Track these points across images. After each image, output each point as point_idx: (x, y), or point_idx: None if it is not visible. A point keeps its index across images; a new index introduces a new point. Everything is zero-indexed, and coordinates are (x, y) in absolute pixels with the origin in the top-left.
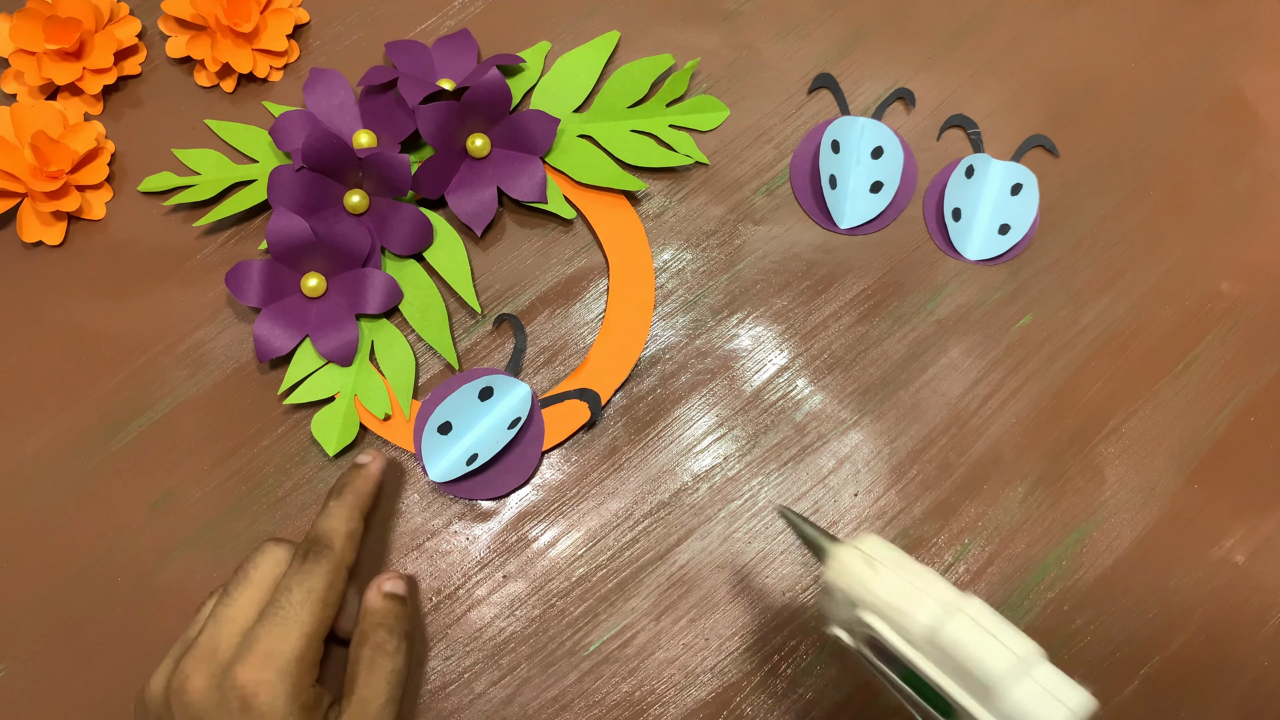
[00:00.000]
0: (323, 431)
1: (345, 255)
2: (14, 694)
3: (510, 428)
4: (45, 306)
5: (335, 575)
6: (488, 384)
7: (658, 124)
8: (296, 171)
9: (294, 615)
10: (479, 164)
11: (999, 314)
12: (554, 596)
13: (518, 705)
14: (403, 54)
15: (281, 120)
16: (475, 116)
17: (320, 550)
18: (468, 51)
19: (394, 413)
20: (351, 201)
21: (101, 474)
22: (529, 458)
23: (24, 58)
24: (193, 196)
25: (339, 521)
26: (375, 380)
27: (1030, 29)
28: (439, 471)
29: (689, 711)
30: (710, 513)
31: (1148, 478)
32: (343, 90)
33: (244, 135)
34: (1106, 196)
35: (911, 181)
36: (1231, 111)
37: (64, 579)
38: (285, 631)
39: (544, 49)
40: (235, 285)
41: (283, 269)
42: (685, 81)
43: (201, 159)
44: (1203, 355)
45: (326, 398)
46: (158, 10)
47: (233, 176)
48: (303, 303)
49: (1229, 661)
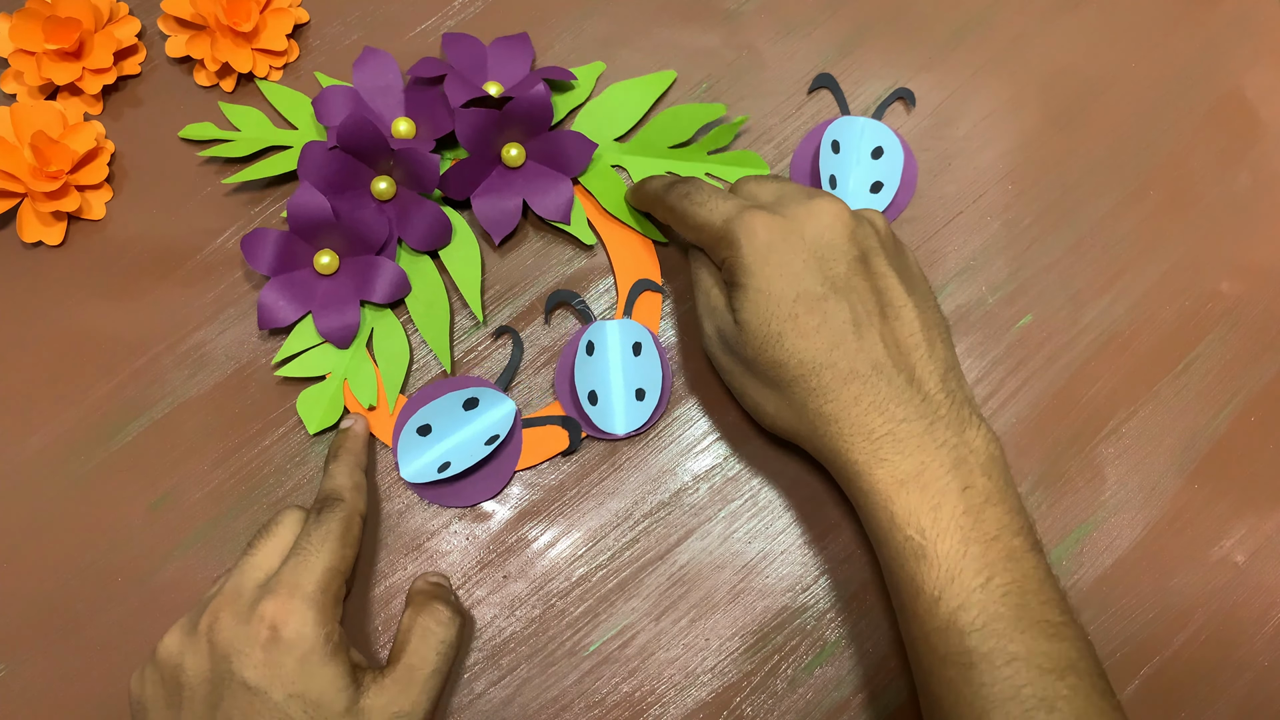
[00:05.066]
0: (307, 408)
1: (361, 240)
2: (14, 694)
3: (487, 443)
4: (45, 306)
5: (350, 520)
6: (475, 395)
7: (696, 169)
8: (329, 150)
9: (314, 552)
10: (510, 173)
11: (999, 314)
12: (554, 596)
13: (518, 705)
14: (457, 48)
15: (326, 94)
16: (515, 126)
17: (332, 503)
18: (522, 57)
19: (379, 404)
20: (379, 188)
21: (101, 474)
22: (501, 474)
23: (24, 58)
24: (228, 151)
25: (343, 478)
26: (367, 368)
27: (1030, 29)
28: (411, 472)
29: (689, 712)
30: (710, 513)
31: (1148, 478)
32: (391, 74)
33: (289, 100)
34: (1106, 196)
35: (911, 181)
36: (1231, 111)
37: (64, 579)
38: (308, 566)
39: (597, 69)
40: (250, 250)
41: (298, 242)
42: (731, 134)
43: (244, 115)
44: (1203, 355)
45: (317, 376)
46: (157, 10)
47: (271, 139)
48: (312, 278)
49: (1229, 661)
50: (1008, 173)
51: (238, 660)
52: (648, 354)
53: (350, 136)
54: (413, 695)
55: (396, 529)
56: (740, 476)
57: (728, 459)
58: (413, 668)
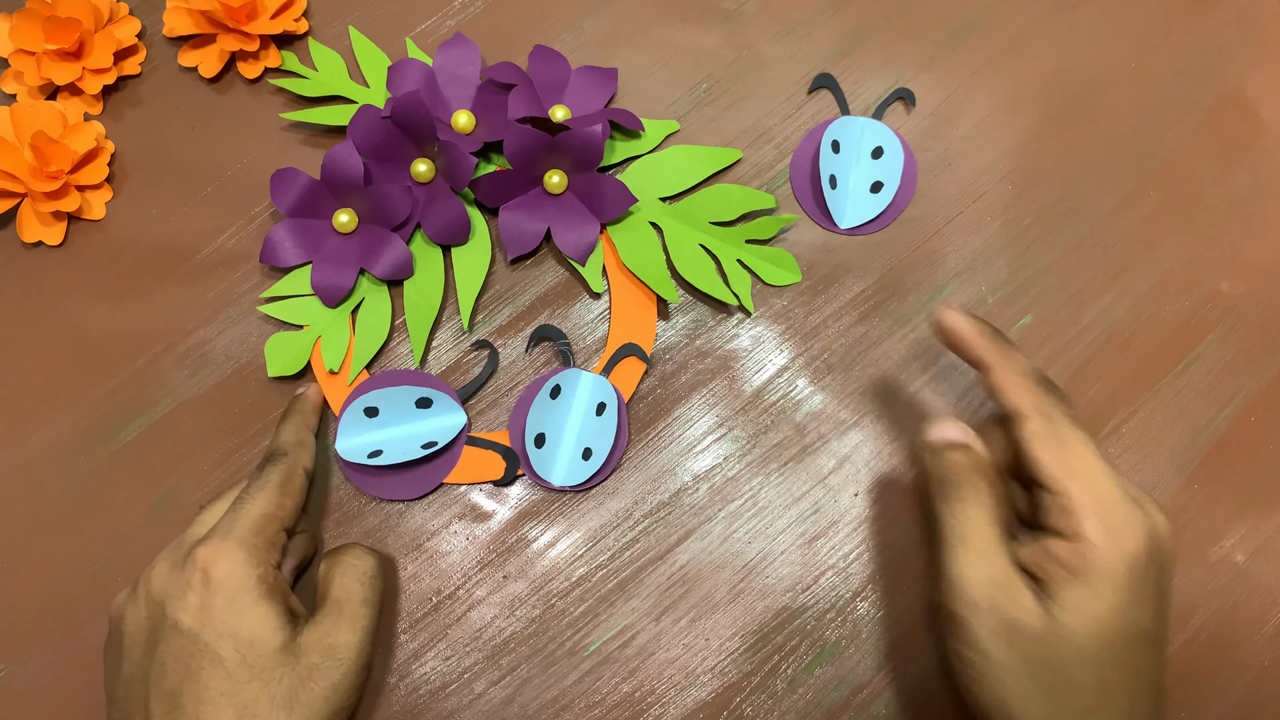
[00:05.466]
0: (274, 352)
1: (383, 212)
2: (14, 694)
3: (424, 447)
4: (45, 307)
5: (291, 471)
6: (430, 396)
7: (728, 252)
8: (382, 119)
9: (249, 500)
10: (545, 198)
11: (999, 314)
12: (554, 596)
13: (518, 705)
14: (542, 63)
15: (403, 64)
16: (563, 156)
17: (275, 458)
18: (603, 90)
19: (341, 371)
20: (418, 169)
21: (101, 474)
22: (428, 480)
23: (24, 58)
24: (298, 88)
25: (288, 435)
26: (344, 334)
27: (1030, 29)
28: (344, 448)
29: (689, 712)
30: (710, 513)
31: (1148, 478)
32: (471, 65)
33: (371, 56)
34: (1106, 196)
35: (912, 181)
36: (1231, 111)
37: (64, 579)
38: (243, 512)
39: (670, 127)
40: (278, 186)
41: (324, 192)
42: (774, 229)
43: (327, 59)
44: (1203, 355)
45: (296, 324)
46: (158, 10)
47: (342, 89)
48: (324, 230)
49: (1229, 662)
50: (1008, 173)
51: (171, 605)
52: (608, 418)
53: (403, 112)
54: (344, 626)
55: (397, 529)
56: (740, 476)
57: (728, 459)
58: (340, 600)
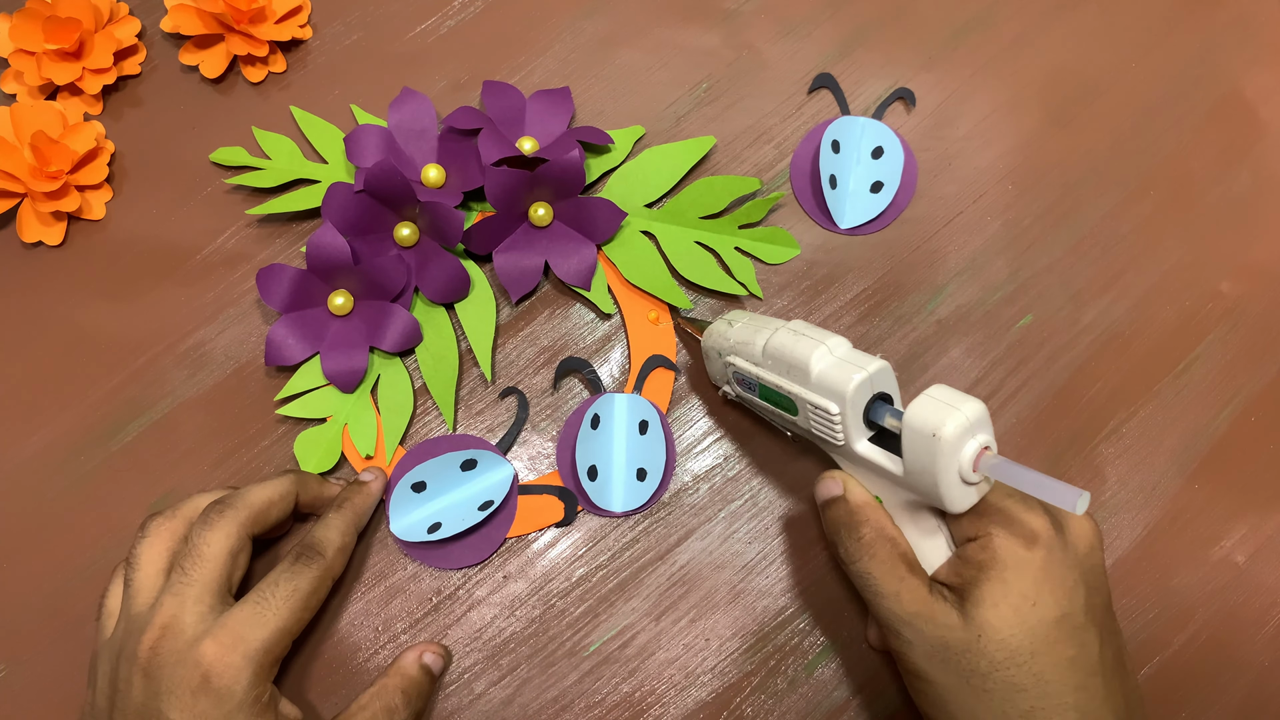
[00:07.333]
0: (304, 451)
1: (379, 286)
2: (14, 694)
3: (481, 509)
4: (45, 307)
5: (321, 582)
6: (474, 457)
7: (725, 243)
8: (355, 193)
9: (274, 608)
10: (535, 232)
11: (999, 314)
12: (554, 596)
13: (518, 706)
14: (496, 98)
15: (359, 132)
16: (545, 187)
17: (312, 556)
18: (561, 112)
19: (376, 455)
20: (401, 234)
21: (101, 474)
22: (491, 539)
23: (24, 58)
24: (256, 181)
25: (335, 534)
26: (369, 416)
27: (1030, 29)
28: (401, 528)
29: (689, 712)
30: (710, 513)
31: (1148, 478)
32: (427, 118)
33: (321, 132)
34: (1106, 196)
35: (912, 181)
36: (1231, 111)
37: (64, 579)
38: (263, 620)
39: (636, 133)
40: (264, 286)
41: (314, 280)
42: (764, 210)
43: (276, 144)
44: (1203, 355)
45: (319, 418)
46: (158, 10)
47: (300, 171)
48: (324, 317)
49: (1229, 661)
50: (1008, 173)
51: (167, 700)
52: (653, 433)
53: (377, 183)
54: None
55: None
56: (740, 476)
57: (728, 459)
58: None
